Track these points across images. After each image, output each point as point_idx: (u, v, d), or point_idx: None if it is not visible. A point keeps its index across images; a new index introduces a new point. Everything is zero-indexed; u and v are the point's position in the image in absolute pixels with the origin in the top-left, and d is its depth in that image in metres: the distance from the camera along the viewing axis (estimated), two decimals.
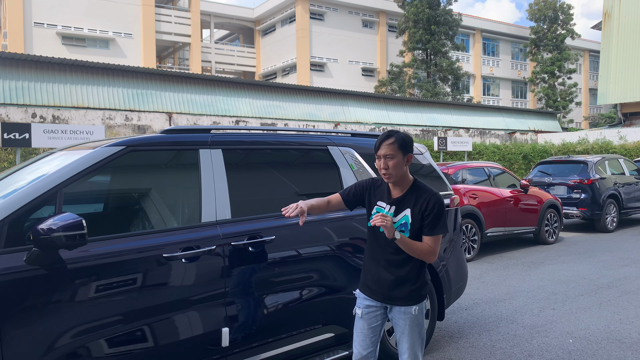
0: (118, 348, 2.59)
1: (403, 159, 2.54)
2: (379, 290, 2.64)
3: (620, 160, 12.37)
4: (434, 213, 2.52)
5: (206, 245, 2.90)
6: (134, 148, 2.93)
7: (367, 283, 2.69)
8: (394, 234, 2.43)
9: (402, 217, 2.56)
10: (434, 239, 2.53)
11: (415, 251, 2.51)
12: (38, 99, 15.23)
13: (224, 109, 19.02)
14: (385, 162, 2.53)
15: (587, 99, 51.85)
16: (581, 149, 21.27)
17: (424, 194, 2.56)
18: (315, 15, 38.84)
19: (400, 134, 2.57)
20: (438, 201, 2.54)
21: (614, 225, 11.22)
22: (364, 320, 2.67)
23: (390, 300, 2.62)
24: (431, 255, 2.54)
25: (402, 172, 2.56)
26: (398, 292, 2.60)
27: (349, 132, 4.19)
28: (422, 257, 2.54)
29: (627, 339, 4.44)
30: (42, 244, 2.33)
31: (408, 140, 2.58)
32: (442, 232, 2.55)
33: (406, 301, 2.60)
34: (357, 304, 2.72)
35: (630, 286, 6.24)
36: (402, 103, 25.22)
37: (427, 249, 2.53)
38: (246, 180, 3.35)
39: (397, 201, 2.60)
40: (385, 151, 2.52)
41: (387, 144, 2.53)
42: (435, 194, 2.56)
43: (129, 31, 31.85)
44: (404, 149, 2.54)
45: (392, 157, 2.52)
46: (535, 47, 41.51)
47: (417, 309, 2.61)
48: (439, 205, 2.53)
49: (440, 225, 2.54)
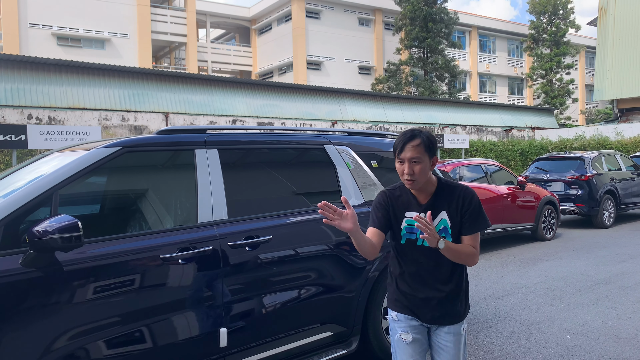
0: (115, 350, 2.59)
1: (429, 163, 2.24)
2: (425, 311, 2.32)
3: (617, 156, 12.40)
4: (472, 208, 2.27)
5: (203, 246, 2.90)
6: (130, 149, 2.93)
7: (407, 304, 2.35)
8: (437, 243, 2.11)
9: (439, 222, 2.29)
10: (474, 237, 2.28)
11: (461, 256, 2.22)
12: (34, 100, 15.18)
13: (221, 108, 18.98)
14: (411, 167, 2.21)
15: (583, 95, 51.95)
16: (578, 145, 21.32)
17: (455, 191, 2.30)
18: (311, 13, 38.80)
19: (425, 133, 2.25)
20: (473, 195, 2.30)
21: (611, 221, 11.25)
22: (415, 344, 2.32)
23: (439, 320, 2.32)
24: (475, 257, 2.27)
25: (427, 176, 2.26)
26: (448, 310, 2.31)
27: (346, 130, 4.19)
28: (466, 261, 2.25)
29: (625, 334, 4.45)
30: (37, 246, 2.32)
31: (434, 141, 2.29)
32: (485, 226, 2.31)
33: (455, 318, 2.32)
34: (398, 328, 2.36)
35: (627, 282, 6.26)
36: (399, 101, 25.23)
37: (471, 251, 2.24)
38: (243, 180, 3.35)
39: (428, 206, 2.30)
40: (411, 154, 2.20)
41: (413, 145, 2.20)
42: (467, 188, 2.32)
43: (125, 31, 31.76)
44: (430, 151, 2.24)
45: (418, 161, 2.20)
46: (533, 42, 41.55)
47: (465, 326, 2.37)
48: (475, 200, 2.29)
49: (481, 220, 2.29)
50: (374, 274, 3.66)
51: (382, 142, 4.30)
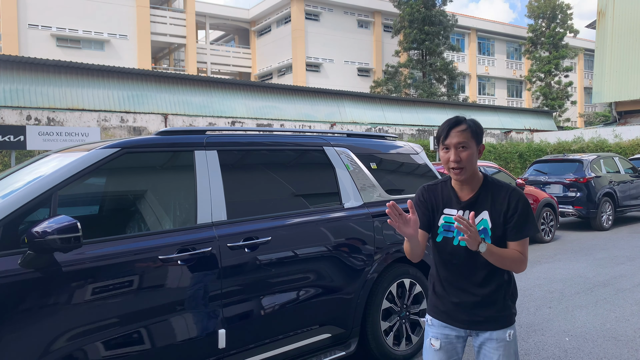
0: (114, 350, 2.58)
1: (476, 151, 2.11)
2: (462, 316, 2.20)
3: (615, 159, 12.42)
4: (518, 212, 2.10)
5: (202, 247, 2.90)
6: (129, 150, 2.93)
7: (444, 309, 2.24)
8: (479, 246, 1.98)
9: (479, 222, 2.15)
10: (522, 243, 2.11)
11: (505, 262, 2.07)
12: (33, 101, 15.17)
13: (220, 110, 18.99)
14: (457, 154, 2.07)
15: (582, 97, 52.04)
16: (576, 148, 21.35)
17: (501, 191, 2.14)
18: (311, 15, 38.84)
19: (471, 120, 2.14)
20: (521, 197, 2.13)
21: (609, 224, 11.26)
22: (442, 352, 2.22)
23: (478, 325, 2.18)
24: (523, 263, 2.10)
25: (474, 167, 2.12)
26: (487, 315, 2.17)
27: (345, 132, 4.20)
28: (511, 267, 2.10)
29: (623, 336, 4.46)
30: (36, 247, 2.32)
31: (480, 128, 2.14)
32: (533, 233, 2.14)
33: (497, 324, 2.16)
34: (430, 333, 2.28)
35: (625, 284, 6.27)
36: (398, 103, 25.25)
37: (517, 257, 2.08)
38: (242, 181, 3.35)
39: (469, 204, 2.16)
40: (457, 139, 2.07)
41: (459, 130, 2.08)
42: (515, 189, 2.15)
43: (124, 32, 31.76)
44: (477, 138, 2.10)
45: (465, 147, 2.07)
46: (532, 45, 41.66)
47: (512, 333, 2.17)
48: (523, 202, 2.12)
49: (529, 225, 2.12)
50: (372, 275, 3.66)
51: (381, 144, 4.31)
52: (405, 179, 4.32)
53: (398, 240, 3.86)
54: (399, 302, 3.88)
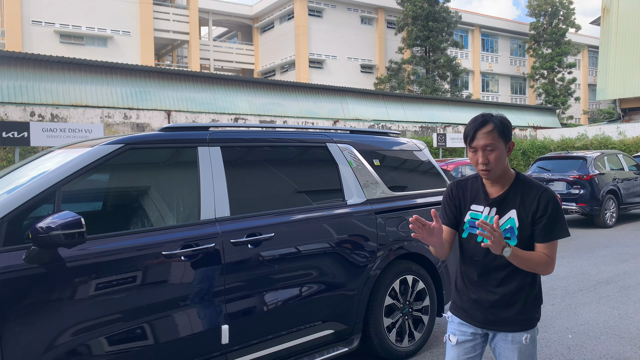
0: (118, 346, 2.60)
1: (505, 149, 2.05)
2: (478, 314, 2.17)
3: (619, 156, 12.37)
4: (548, 214, 2.02)
5: (205, 243, 2.90)
6: (132, 146, 2.93)
7: (462, 305, 2.23)
8: (503, 250, 1.93)
9: (506, 220, 2.10)
10: (550, 245, 2.03)
11: (530, 265, 2.02)
12: (36, 97, 15.21)
13: (223, 106, 18.99)
14: (485, 156, 2.03)
15: (586, 94, 51.84)
16: (580, 145, 21.29)
17: (532, 190, 2.07)
18: (314, 12, 38.76)
19: (498, 118, 2.06)
20: (552, 198, 2.05)
21: (613, 221, 11.23)
22: (459, 348, 2.21)
23: (494, 325, 2.14)
24: (549, 266, 2.04)
25: (505, 165, 2.08)
26: (503, 315, 2.12)
27: (348, 128, 4.19)
28: (537, 270, 2.05)
29: (626, 334, 4.45)
30: (41, 243, 2.33)
31: (508, 125, 2.07)
32: (563, 235, 2.05)
33: (514, 326, 2.11)
34: (449, 328, 2.28)
35: (629, 281, 6.26)
36: (401, 100, 25.21)
37: (544, 260, 2.02)
38: (245, 177, 3.35)
39: (497, 201, 2.11)
40: (484, 141, 2.02)
41: (485, 132, 2.02)
42: (547, 190, 2.07)
43: (127, 29, 31.76)
44: (505, 137, 2.05)
45: (493, 149, 2.02)
46: (534, 42, 41.50)
47: (529, 337, 2.11)
48: (553, 203, 2.04)
49: (560, 228, 2.04)
50: (375, 272, 3.66)
51: (385, 140, 4.30)
52: (408, 176, 4.31)
53: (401, 237, 3.86)
54: (402, 299, 3.89)
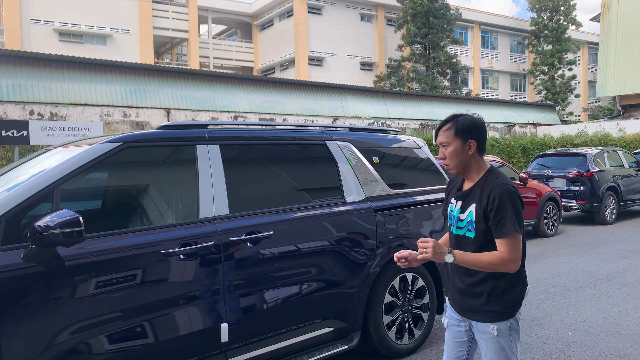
0: (117, 344, 2.59)
1: (463, 146, 2.20)
2: (456, 300, 2.30)
3: (619, 153, 12.37)
4: (495, 209, 2.08)
5: (204, 241, 2.90)
6: (131, 144, 2.93)
7: (450, 291, 2.41)
8: (444, 258, 2.06)
9: (468, 214, 2.20)
10: (503, 242, 2.07)
11: (481, 266, 2.09)
12: (36, 95, 15.19)
13: (223, 104, 18.97)
14: (442, 152, 2.25)
15: (586, 91, 51.77)
16: (580, 142, 21.26)
17: (489, 186, 2.14)
18: (313, 9, 38.69)
19: (461, 118, 2.22)
20: (501, 193, 2.08)
21: (613, 218, 11.23)
22: (449, 331, 2.35)
23: (466, 313, 2.26)
24: (508, 264, 2.06)
25: (464, 161, 2.21)
26: (471, 304, 2.22)
27: (347, 126, 4.18)
28: (496, 269, 2.08)
29: (626, 330, 4.45)
30: (39, 241, 2.32)
31: (469, 124, 2.21)
32: (510, 231, 2.05)
33: (480, 316, 2.19)
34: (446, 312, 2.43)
35: (629, 278, 6.26)
36: (400, 97, 25.18)
37: (497, 258, 2.06)
38: (244, 175, 3.35)
39: (463, 195, 2.25)
40: (441, 139, 2.24)
41: (444, 130, 2.23)
42: (500, 185, 2.11)
43: (126, 27, 31.71)
44: (462, 134, 2.20)
45: (447, 145, 2.21)
46: (535, 38, 41.41)
47: (497, 329, 2.15)
48: (500, 198, 2.07)
49: (507, 223, 2.06)
50: (375, 269, 3.66)
51: (384, 138, 4.29)
52: (407, 173, 4.31)
53: (400, 235, 3.86)
54: (402, 296, 3.88)
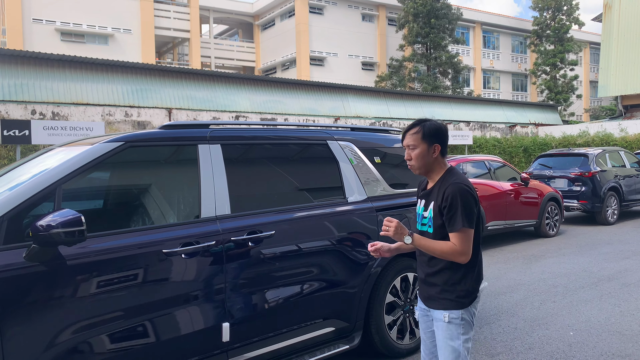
0: (118, 344, 2.60)
1: (428, 150, 2.37)
2: (420, 291, 2.49)
3: (621, 153, 12.35)
4: (447, 205, 2.28)
5: (206, 241, 2.90)
6: (133, 144, 2.93)
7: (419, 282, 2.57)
8: (404, 239, 2.28)
9: (429, 211, 2.40)
10: (454, 236, 2.27)
11: (435, 252, 2.30)
12: (37, 95, 15.20)
13: (224, 104, 18.97)
14: (408, 153, 2.42)
15: (587, 91, 51.68)
16: (582, 142, 21.24)
17: (445, 184, 2.34)
18: (315, 9, 38.68)
19: (428, 123, 2.40)
20: (454, 191, 2.28)
21: (614, 218, 11.21)
22: (420, 322, 2.53)
23: (426, 301, 2.44)
24: (457, 255, 2.26)
25: (428, 163, 2.39)
26: (430, 292, 2.41)
27: (349, 126, 4.18)
28: (447, 257, 2.28)
29: (628, 331, 4.45)
30: (41, 241, 2.33)
31: (435, 129, 2.39)
32: (459, 227, 2.26)
33: (435, 303, 2.38)
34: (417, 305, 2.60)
35: (630, 278, 6.25)
36: (402, 97, 25.16)
37: (448, 249, 2.26)
38: (245, 175, 3.35)
39: (425, 194, 2.46)
40: (407, 141, 2.41)
41: (411, 133, 2.40)
42: (453, 184, 2.30)
43: (128, 27, 31.73)
44: (429, 139, 2.37)
45: (413, 148, 2.39)
46: (537, 38, 41.33)
47: (448, 316, 2.32)
48: (452, 196, 2.27)
49: (457, 219, 2.26)
50: (376, 269, 3.66)
51: (385, 138, 4.29)
52: (409, 173, 4.30)
53: None
54: (403, 296, 3.88)
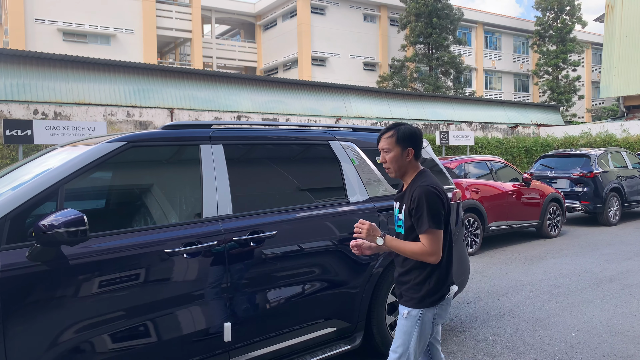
0: (120, 343, 2.60)
1: (402, 153, 2.45)
2: (395, 288, 2.61)
3: (623, 154, 12.33)
4: (415, 208, 2.35)
5: (208, 241, 2.91)
6: (135, 144, 2.93)
7: None
8: (376, 240, 2.38)
9: (402, 213, 2.47)
10: (423, 237, 2.33)
11: (406, 253, 2.37)
12: (40, 95, 15.23)
13: (226, 104, 18.99)
14: (383, 156, 2.50)
15: (589, 92, 51.62)
16: (584, 142, 21.21)
17: (414, 186, 2.41)
18: (316, 9, 38.70)
19: (402, 127, 2.47)
20: (420, 193, 2.34)
21: (616, 219, 11.19)
22: None
23: (399, 297, 2.53)
24: (426, 255, 2.33)
25: (402, 166, 2.47)
26: (400, 290, 2.51)
27: (350, 126, 4.18)
28: (418, 257, 2.35)
29: (630, 332, 4.44)
30: (44, 240, 2.33)
31: (409, 134, 2.46)
32: (425, 228, 2.31)
33: (402, 300, 2.48)
34: None
35: (632, 279, 6.24)
36: (404, 97, 25.15)
37: (418, 249, 2.33)
38: (247, 175, 3.35)
39: (400, 197, 2.54)
40: (382, 145, 2.50)
41: (386, 137, 2.49)
42: (421, 185, 2.37)
43: (130, 27, 31.78)
44: (402, 142, 2.45)
45: (388, 151, 2.47)
46: (539, 38, 41.27)
47: (407, 312, 2.42)
48: (419, 198, 2.34)
49: (423, 220, 2.32)
50: (378, 270, 3.66)
51: None
52: None
53: None
54: None
